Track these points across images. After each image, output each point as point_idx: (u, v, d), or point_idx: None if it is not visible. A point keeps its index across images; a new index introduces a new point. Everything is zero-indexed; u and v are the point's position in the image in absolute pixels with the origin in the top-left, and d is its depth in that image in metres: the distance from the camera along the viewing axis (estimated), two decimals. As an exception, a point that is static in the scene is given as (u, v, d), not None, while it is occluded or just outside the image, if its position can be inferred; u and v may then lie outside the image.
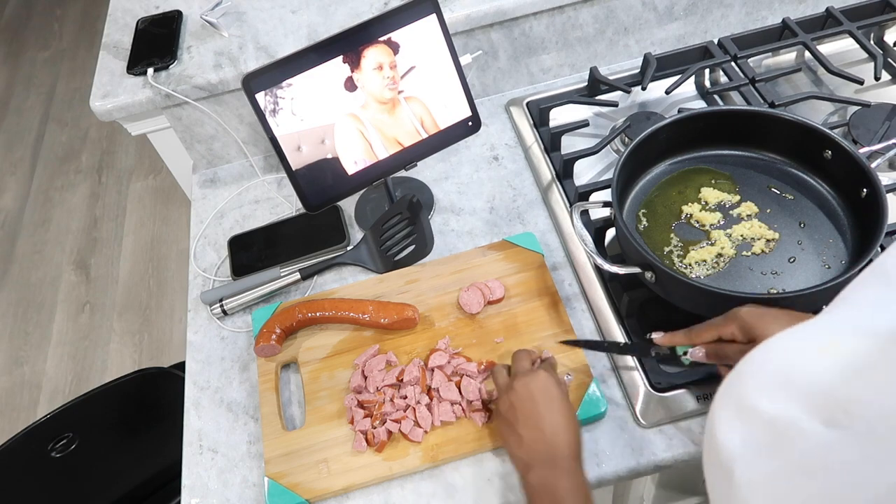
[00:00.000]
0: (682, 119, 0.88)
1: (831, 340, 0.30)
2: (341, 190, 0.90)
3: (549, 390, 0.68)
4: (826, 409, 0.28)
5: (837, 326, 0.31)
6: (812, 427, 0.28)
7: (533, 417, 0.66)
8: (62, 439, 1.16)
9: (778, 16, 1.16)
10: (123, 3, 1.14)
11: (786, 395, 0.30)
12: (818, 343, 0.31)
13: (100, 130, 2.74)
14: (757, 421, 0.31)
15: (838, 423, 0.27)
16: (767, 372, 0.32)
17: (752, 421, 0.31)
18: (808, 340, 0.31)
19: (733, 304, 0.72)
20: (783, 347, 0.32)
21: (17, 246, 2.42)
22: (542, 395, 0.67)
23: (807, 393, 0.30)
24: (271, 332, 0.85)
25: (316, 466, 0.77)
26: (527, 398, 0.67)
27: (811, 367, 0.30)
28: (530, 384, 0.68)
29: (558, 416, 0.66)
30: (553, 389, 0.68)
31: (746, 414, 0.32)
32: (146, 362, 2.05)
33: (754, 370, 0.33)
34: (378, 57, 0.85)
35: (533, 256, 0.91)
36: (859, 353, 0.29)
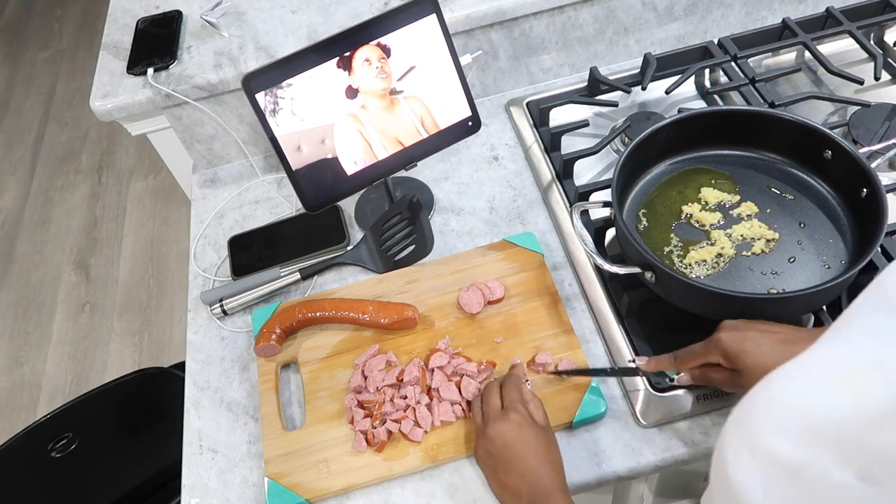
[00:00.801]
0: (682, 119, 0.88)
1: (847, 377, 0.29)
2: (341, 190, 0.90)
3: (522, 433, 0.68)
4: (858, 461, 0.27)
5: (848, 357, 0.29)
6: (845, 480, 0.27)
7: (511, 463, 0.67)
8: (62, 439, 1.16)
9: (778, 16, 1.16)
10: (123, 3, 1.14)
11: (807, 439, 0.28)
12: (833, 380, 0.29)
13: (100, 130, 2.75)
14: (778, 467, 0.29)
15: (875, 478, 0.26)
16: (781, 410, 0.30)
17: (773, 466, 0.29)
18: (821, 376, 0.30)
19: (733, 304, 0.72)
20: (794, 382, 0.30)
21: (17, 246, 2.42)
22: (516, 440, 0.68)
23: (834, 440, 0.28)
24: (271, 332, 0.85)
25: (316, 466, 0.77)
26: (501, 446, 0.68)
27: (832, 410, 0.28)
28: (503, 431, 0.68)
29: (534, 458, 0.67)
30: (525, 430, 0.68)
31: (763, 457, 0.30)
32: (146, 362, 2.05)
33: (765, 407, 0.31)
34: (366, 53, 0.84)
35: (533, 256, 0.91)
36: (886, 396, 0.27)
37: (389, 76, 0.87)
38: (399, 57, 0.86)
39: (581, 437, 0.77)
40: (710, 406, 0.77)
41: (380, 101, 0.88)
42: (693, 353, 0.70)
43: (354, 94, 0.86)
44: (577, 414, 0.77)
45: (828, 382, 0.29)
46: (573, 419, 0.77)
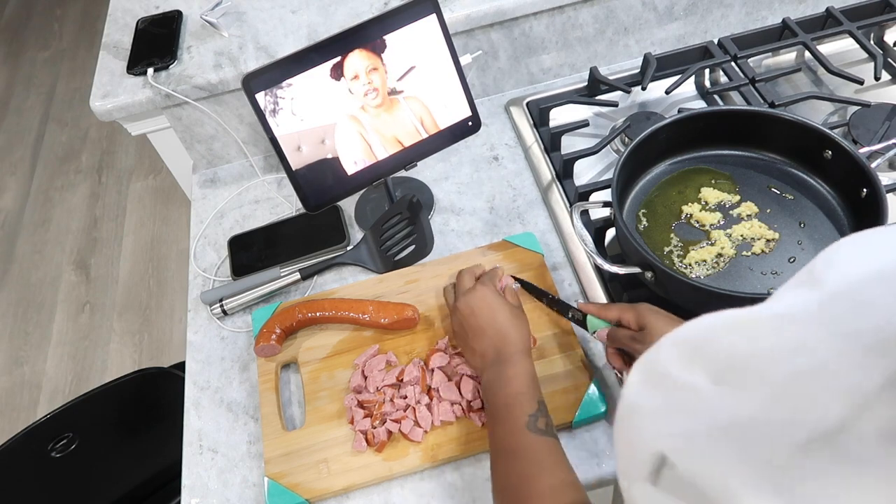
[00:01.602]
0: (682, 119, 0.88)
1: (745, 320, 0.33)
2: (341, 190, 0.90)
3: (487, 301, 0.76)
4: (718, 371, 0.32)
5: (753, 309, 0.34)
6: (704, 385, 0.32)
7: (478, 329, 0.74)
8: (62, 439, 1.16)
9: (778, 16, 1.16)
10: (123, 3, 1.14)
11: (689, 360, 0.34)
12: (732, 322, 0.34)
13: (100, 130, 2.75)
14: (662, 381, 0.35)
15: (726, 380, 0.31)
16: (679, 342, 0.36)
17: (658, 381, 0.35)
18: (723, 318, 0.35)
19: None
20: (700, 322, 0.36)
21: (17, 246, 2.42)
22: (482, 307, 0.75)
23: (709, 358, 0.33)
24: (271, 332, 0.85)
25: (316, 466, 0.77)
26: (469, 314, 0.76)
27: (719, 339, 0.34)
28: (471, 301, 0.76)
29: (500, 322, 0.74)
30: (491, 299, 0.76)
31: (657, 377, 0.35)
32: (146, 362, 2.05)
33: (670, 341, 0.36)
34: (354, 66, 0.84)
35: (533, 256, 0.91)
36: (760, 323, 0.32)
37: (380, 90, 0.86)
38: (399, 57, 0.86)
39: (581, 437, 0.77)
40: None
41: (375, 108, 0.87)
42: (617, 306, 0.75)
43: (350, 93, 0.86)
44: (577, 414, 0.77)
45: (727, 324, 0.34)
46: (573, 419, 0.77)
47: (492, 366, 0.72)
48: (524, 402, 0.67)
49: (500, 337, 0.73)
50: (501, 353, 0.72)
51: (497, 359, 0.72)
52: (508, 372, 0.70)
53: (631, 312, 0.73)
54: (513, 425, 0.65)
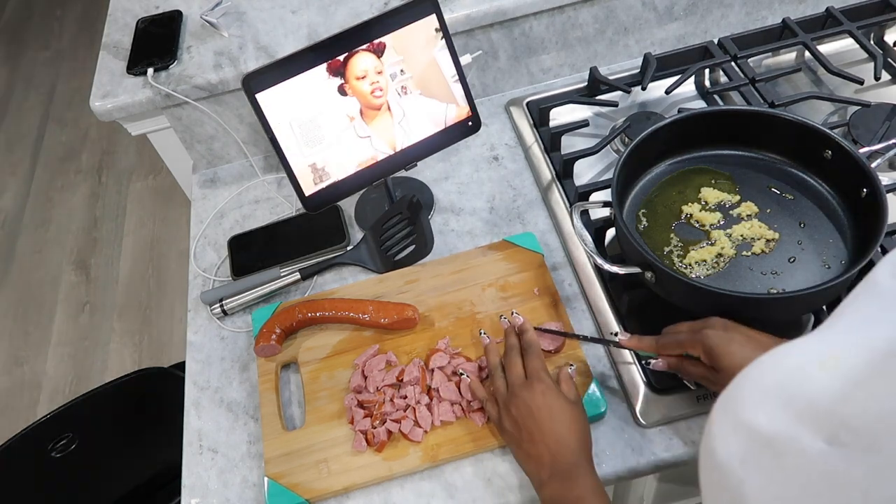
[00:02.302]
0: (682, 119, 0.88)
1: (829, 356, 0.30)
2: (341, 190, 0.90)
3: (548, 403, 0.68)
4: (828, 427, 0.28)
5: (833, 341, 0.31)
6: (815, 446, 0.28)
7: (536, 433, 0.67)
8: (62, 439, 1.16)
9: (778, 16, 1.16)
10: (123, 3, 1.14)
11: (785, 411, 0.30)
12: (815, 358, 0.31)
13: (100, 130, 2.75)
14: (756, 438, 0.31)
15: (841, 440, 0.27)
16: (764, 387, 0.32)
17: (752, 438, 0.31)
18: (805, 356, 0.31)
19: (733, 304, 0.72)
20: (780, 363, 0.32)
21: (17, 246, 2.42)
22: (541, 408, 0.68)
23: (807, 410, 0.29)
24: (271, 332, 0.85)
25: (316, 466, 0.77)
26: (527, 415, 0.68)
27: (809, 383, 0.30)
28: (527, 400, 0.69)
29: (561, 427, 0.67)
30: (550, 399, 0.69)
31: (744, 430, 0.31)
32: (146, 362, 2.05)
33: (751, 385, 0.33)
34: (362, 65, 0.84)
35: (533, 256, 0.91)
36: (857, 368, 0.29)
37: (384, 90, 0.86)
38: (398, 57, 0.86)
39: (581, 437, 0.77)
40: (710, 406, 0.77)
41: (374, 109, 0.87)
42: (676, 342, 0.69)
43: (345, 93, 0.86)
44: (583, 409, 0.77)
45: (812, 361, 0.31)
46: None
47: (551, 479, 0.65)
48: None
49: (558, 443, 0.66)
50: (562, 463, 0.65)
51: (557, 472, 0.65)
52: (574, 490, 0.63)
53: (698, 347, 0.65)
54: None
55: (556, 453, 0.65)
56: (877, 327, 0.30)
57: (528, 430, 0.68)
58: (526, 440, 0.68)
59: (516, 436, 0.69)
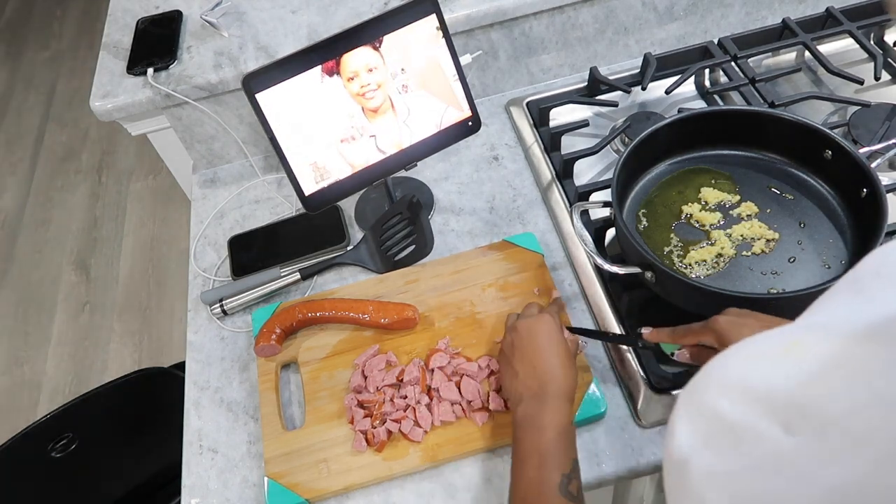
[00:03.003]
0: (682, 119, 0.88)
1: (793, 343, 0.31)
2: (341, 190, 0.90)
3: (550, 333, 0.71)
4: (785, 415, 0.29)
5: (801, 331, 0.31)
6: (771, 433, 0.29)
7: (529, 355, 0.70)
8: (62, 439, 1.15)
9: (778, 16, 1.16)
10: (123, 3, 1.14)
11: (747, 399, 0.31)
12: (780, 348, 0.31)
13: (100, 130, 2.75)
14: (717, 423, 0.31)
15: (796, 428, 0.28)
16: (730, 375, 0.33)
17: (712, 422, 0.32)
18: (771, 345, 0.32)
19: (733, 304, 0.72)
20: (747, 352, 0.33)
21: (17, 246, 2.42)
22: (542, 336, 0.71)
23: (767, 398, 0.30)
24: (271, 332, 0.85)
25: (316, 466, 0.77)
26: (526, 337, 0.72)
27: (772, 372, 0.31)
28: (533, 325, 0.72)
29: (553, 358, 0.70)
30: (554, 334, 0.72)
31: (707, 415, 0.32)
32: (146, 362, 2.05)
33: (717, 373, 0.33)
34: (353, 65, 0.84)
35: (533, 256, 0.91)
36: (819, 357, 0.29)
37: (381, 89, 0.86)
38: (399, 57, 0.86)
39: (581, 437, 0.77)
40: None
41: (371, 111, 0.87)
42: (690, 331, 0.71)
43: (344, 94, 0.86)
44: (577, 414, 0.77)
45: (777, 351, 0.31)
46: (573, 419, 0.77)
47: (530, 400, 0.67)
48: (559, 456, 0.63)
49: (545, 371, 0.68)
50: (544, 389, 0.67)
51: (538, 394, 0.67)
52: (547, 415, 0.65)
53: (710, 334, 0.67)
54: (543, 482, 0.61)
55: (542, 380, 0.68)
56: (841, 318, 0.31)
57: (523, 349, 0.71)
58: (518, 358, 0.71)
59: (509, 354, 0.72)
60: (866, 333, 0.28)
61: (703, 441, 0.32)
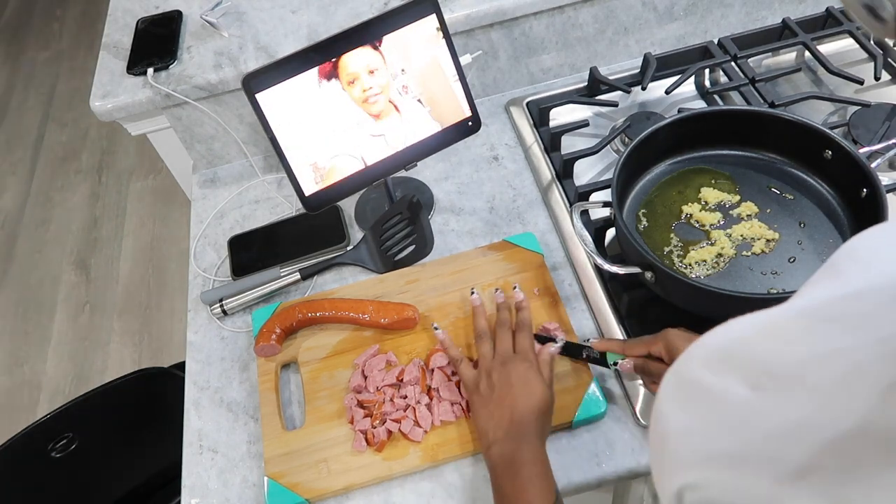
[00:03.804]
0: (682, 119, 0.88)
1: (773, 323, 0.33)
2: (341, 190, 0.90)
3: (527, 378, 0.72)
4: (753, 374, 0.31)
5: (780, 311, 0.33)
6: (741, 392, 0.31)
7: (507, 399, 0.71)
8: (62, 439, 1.15)
9: (778, 16, 1.16)
10: (123, 3, 1.14)
11: (722, 367, 0.33)
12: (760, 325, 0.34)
13: (100, 130, 2.75)
14: (694, 389, 0.34)
15: (762, 386, 0.31)
16: (709, 348, 0.35)
17: (691, 390, 0.34)
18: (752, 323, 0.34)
19: (733, 304, 0.72)
20: (728, 328, 0.35)
21: (17, 246, 2.42)
22: (520, 383, 0.72)
23: (740, 365, 0.33)
24: (271, 332, 0.85)
25: (316, 466, 0.77)
26: (506, 385, 0.72)
27: (746, 340, 0.33)
28: (512, 372, 0.73)
29: (531, 402, 0.70)
30: (531, 378, 0.72)
31: (686, 386, 0.35)
32: (146, 362, 2.05)
33: (698, 349, 0.35)
34: (352, 66, 0.84)
35: (533, 256, 0.91)
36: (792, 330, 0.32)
37: (382, 89, 0.86)
38: (398, 57, 0.86)
39: (581, 437, 0.77)
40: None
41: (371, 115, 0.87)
42: (642, 341, 0.73)
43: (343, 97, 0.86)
44: (577, 414, 0.77)
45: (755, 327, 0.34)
46: (573, 419, 0.77)
47: (503, 441, 0.68)
48: (541, 488, 0.64)
49: (521, 417, 0.69)
50: (518, 430, 0.68)
51: (510, 434, 0.68)
52: (523, 453, 0.66)
53: (659, 344, 0.70)
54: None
55: (517, 420, 0.69)
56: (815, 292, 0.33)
57: (500, 395, 0.71)
58: (495, 402, 0.71)
59: (487, 398, 0.72)
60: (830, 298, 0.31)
61: (680, 406, 0.34)
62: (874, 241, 0.34)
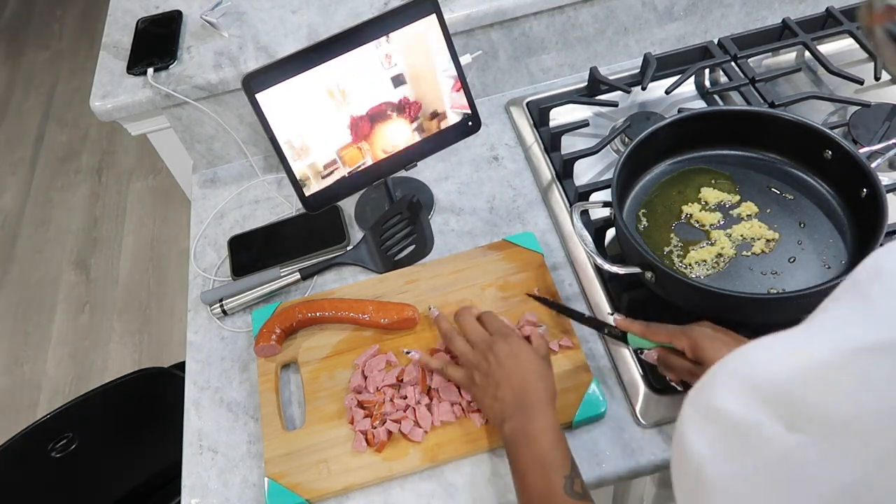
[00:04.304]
0: (682, 119, 0.88)
1: (799, 349, 0.32)
2: (341, 190, 0.90)
3: (514, 351, 0.72)
4: (787, 413, 0.30)
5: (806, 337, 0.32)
6: (776, 432, 0.30)
7: (503, 380, 0.70)
8: (62, 439, 1.15)
9: (778, 16, 1.16)
10: (123, 3, 1.14)
11: (752, 399, 0.31)
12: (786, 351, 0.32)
13: (100, 130, 2.75)
14: (724, 423, 0.32)
15: (800, 427, 0.29)
16: (736, 376, 0.33)
17: (720, 423, 0.32)
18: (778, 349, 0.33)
19: (733, 304, 0.72)
20: (755, 355, 0.33)
21: (17, 246, 2.42)
22: (509, 357, 0.71)
23: (772, 398, 0.31)
24: (271, 332, 0.85)
25: (316, 466, 0.77)
26: (496, 366, 0.71)
27: (778, 374, 0.32)
28: (497, 352, 0.72)
29: (527, 373, 0.70)
30: (518, 349, 0.72)
31: (714, 416, 0.33)
32: (146, 362, 2.05)
33: (725, 374, 0.34)
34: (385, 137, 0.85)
35: (533, 256, 0.91)
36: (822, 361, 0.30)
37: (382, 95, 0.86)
38: (399, 57, 0.86)
39: (581, 437, 0.77)
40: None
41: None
42: (665, 329, 0.72)
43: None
44: (577, 414, 0.77)
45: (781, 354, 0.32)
46: (573, 419, 0.77)
47: (514, 415, 0.68)
48: (557, 460, 0.63)
49: (522, 387, 0.69)
50: (525, 401, 0.68)
51: (519, 406, 0.68)
52: (535, 425, 0.66)
53: (684, 340, 0.69)
54: (548, 488, 0.62)
55: (520, 394, 0.69)
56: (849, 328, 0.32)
57: (495, 378, 0.71)
58: (492, 387, 0.71)
59: (486, 386, 0.72)
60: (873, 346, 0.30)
61: (710, 443, 0.32)
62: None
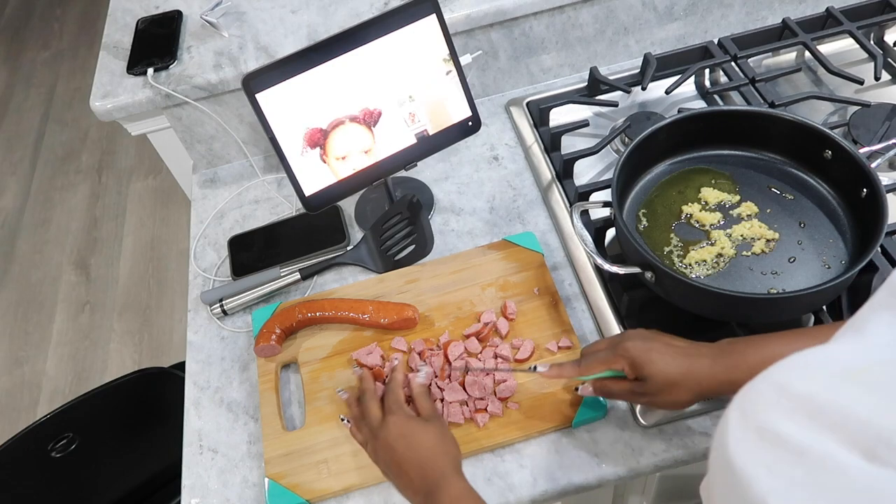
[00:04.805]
0: (682, 119, 0.88)
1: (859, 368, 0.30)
2: (341, 190, 0.90)
3: (402, 432, 0.69)
4: (865, 442, 0.28)
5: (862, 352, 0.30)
6: (853, 462, 0.27)
7: (402, 464, 0.68)
8: (62, 439, 1.16)
9: (778, 16, 1.16)
10: (123, 3, 1.14)
11: (816, 423, 0.29)
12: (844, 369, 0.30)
13: (100, 130, 2.75)
14: (784, 449, 0.30)
15: (881, 457, 0.27)
16: (791, 395, 0.31)
17: (779, 448, 0.30)
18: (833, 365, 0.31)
19: (733, 304, 0.72)
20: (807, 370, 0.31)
21: (17, 246, 2.42)
22: (398, 440, 0.68)
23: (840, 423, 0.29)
24: (271, 332, 0.85)
25: (316, 467, 0.77)
26: (389, 452, 0.69)
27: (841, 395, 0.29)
28: (386, 438, 0.69)
29: (420, 450, 0.68)
30: (406, 429, 0.69)
31: (770, 440, 0.30)
32: (146, 362, 2.05)
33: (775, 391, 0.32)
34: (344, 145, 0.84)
35: (533, 256, 0.91)
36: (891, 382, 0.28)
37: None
38: (399, 57, 0.86)
39: (581, 437, 0.77)
40: (709, 406, 0.77)
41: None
42: (599, 360, 0.70)
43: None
44: (577, 414, 0.77)
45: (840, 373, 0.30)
46: (573, 419, 0.77)
47: (426, 498, 0.66)
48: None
49: (422, 467, 0.67)
50: (428, 480, 0.66)
51: (427, 489, 0.65)
52: (449, 493, 0.64)
53: (621, 361, 0.67)
54: None
55: (422, 475, 0.66)
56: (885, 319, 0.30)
57: (395, 463, 0.68)
58: (395, 473, 0.68)
59: (387, 472, 0.70)
60: None
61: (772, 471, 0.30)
62: None
